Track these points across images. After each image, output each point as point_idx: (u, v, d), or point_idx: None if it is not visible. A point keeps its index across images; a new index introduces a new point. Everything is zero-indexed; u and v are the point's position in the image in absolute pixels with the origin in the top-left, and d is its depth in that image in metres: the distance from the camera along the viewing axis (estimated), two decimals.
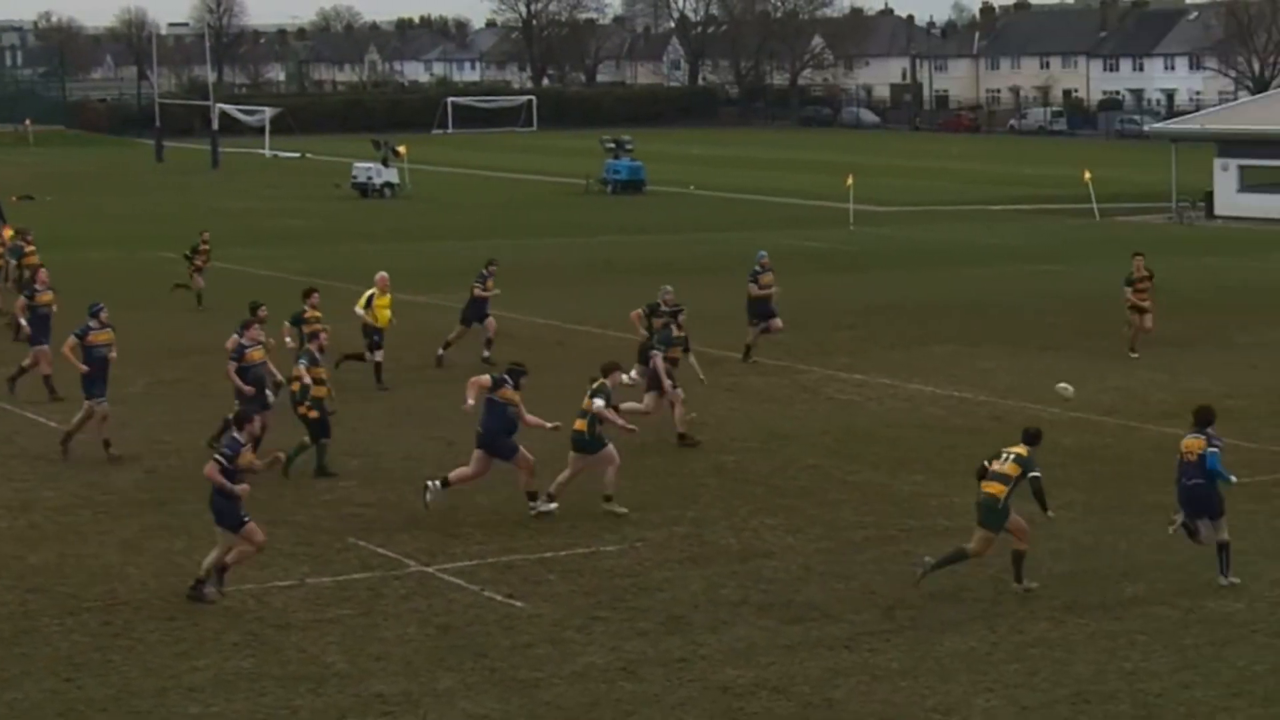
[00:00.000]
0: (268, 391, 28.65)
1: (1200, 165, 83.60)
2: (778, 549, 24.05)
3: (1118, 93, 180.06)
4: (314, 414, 27.83)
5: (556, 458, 26.29)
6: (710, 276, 54.74)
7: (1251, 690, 18.46)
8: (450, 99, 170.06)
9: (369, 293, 35.98)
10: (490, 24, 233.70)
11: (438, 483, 25.67)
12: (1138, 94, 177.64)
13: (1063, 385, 26.69)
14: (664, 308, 33.01)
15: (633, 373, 30.46)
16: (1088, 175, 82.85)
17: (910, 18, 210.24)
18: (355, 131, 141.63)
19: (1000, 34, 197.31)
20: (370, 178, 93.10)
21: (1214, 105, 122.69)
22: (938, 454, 29.94)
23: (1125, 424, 32.28)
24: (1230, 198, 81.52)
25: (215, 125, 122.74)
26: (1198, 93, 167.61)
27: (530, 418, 25.52)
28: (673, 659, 19.54)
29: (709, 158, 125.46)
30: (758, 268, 39.11)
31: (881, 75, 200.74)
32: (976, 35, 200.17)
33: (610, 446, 25.76)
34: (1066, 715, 17.87)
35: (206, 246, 48.71)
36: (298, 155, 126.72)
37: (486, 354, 37.96)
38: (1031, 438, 22.14)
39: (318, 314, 32.83)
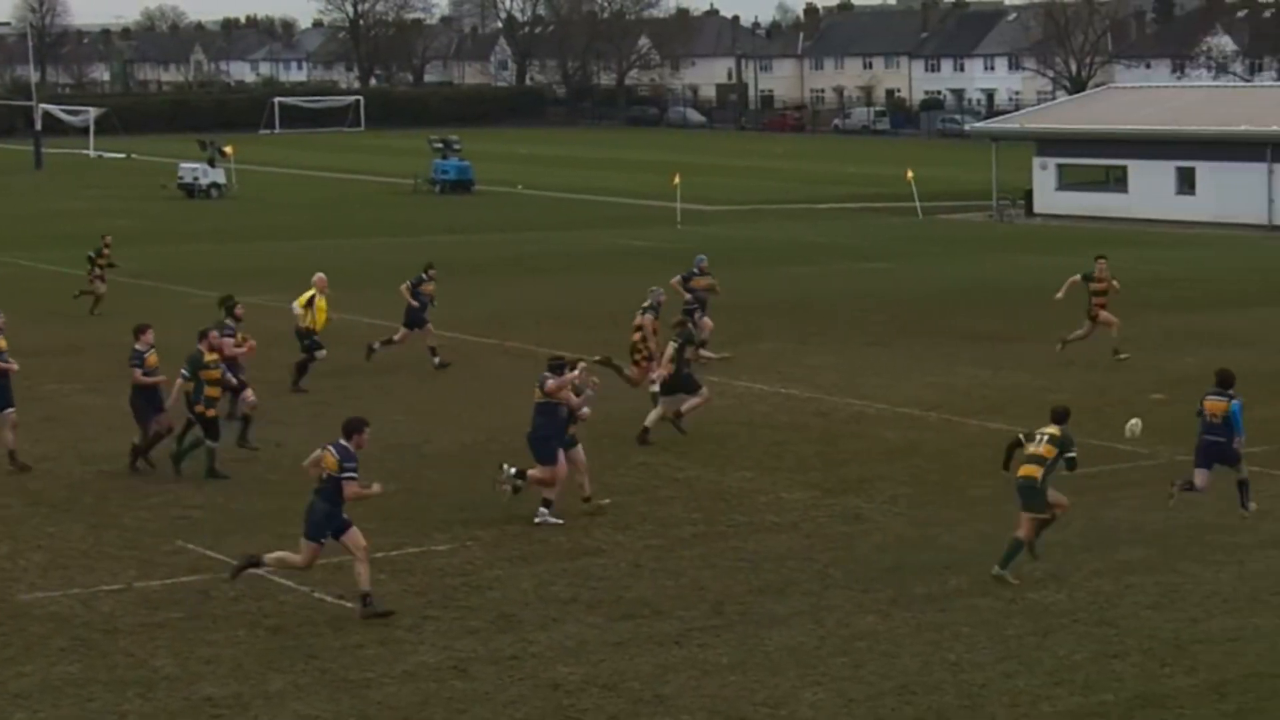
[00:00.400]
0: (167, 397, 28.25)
1: (1020, 164, 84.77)
2: (607, 546, 24.08)
3: (939, 93, 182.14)
4: (211, 413, 27.69)
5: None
6: (540, 276, 54.77)
7: (1072, 678, 18.74)
8: (277, 99, 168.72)
9: (309, 294, 35.27)
10: (317, 24, 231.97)
11: (512, 470, 25.45)
12: (959, 94, 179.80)
13: (1133, 423, 24.54)
14: (657, 304, 33.05)
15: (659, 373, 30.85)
16: (910, 174, 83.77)
17: (736, 18, 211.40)
18: (181, 132, 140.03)
19: (824, 35, 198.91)
20: (197, 178, 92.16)
21: (1033, 105, 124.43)
22: (765, 450, 30.13)
23: (948, 419, 32.64)
24: (1049, 196, 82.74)
25: (38, 126, 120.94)
26: (1017, 93, 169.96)
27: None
28: (504, 657, 19.51)
29: (537, 157, 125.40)
30: (695, 270, 38.76)
31: (707, 75, 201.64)
32: (801, 36, 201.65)
33: (580, 447, 25.61)
34: (893, 707, 18.04)
35: (109, 250, 47.77)
36: (123, 156, 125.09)
37: (437, 360, 37.55)
38: (1061, 416, 22.48)
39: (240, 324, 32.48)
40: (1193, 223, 74.72)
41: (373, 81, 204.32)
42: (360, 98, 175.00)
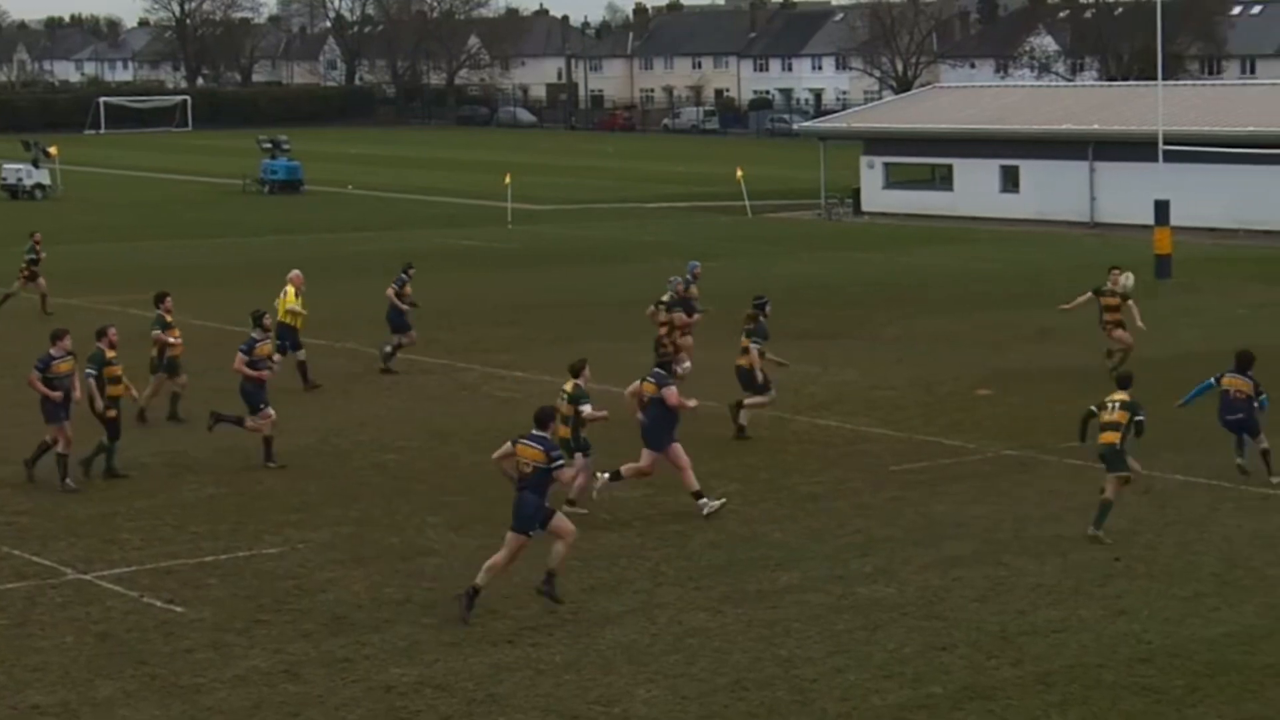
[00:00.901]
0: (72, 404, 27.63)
1: (847, 163, 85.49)
2: (441, 547, 24.00)
3: (768, 92, 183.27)
4: (112, 414, 27.35)
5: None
6: (371, 277, 54.38)
7: (902, 671, 18.93)
8: (102, 99, 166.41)
9: (292, 290, 35.17)
10: (143, 23, 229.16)
11: (606, 475, 25.65)
12: (787, 93, 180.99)
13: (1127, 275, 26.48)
14: (677, 296, 34.02)
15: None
16: (740, 173, 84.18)
17: (565, 18, 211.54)
18: (4, 132, 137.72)
19: (653, 35, 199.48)
20: (20, 179, 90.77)
21: (860, 104, 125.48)
22: (598, 449, 30.08)
23: (778, 416, 32.83)
24: (876, 194, 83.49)
25: None
26: (844, 92, 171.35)
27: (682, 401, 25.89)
28: (336, 660, 19.38)
29: (367, 157, 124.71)
30: (689, 277, 37.81)
31: (537, 75, 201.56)
32: (630, 36, 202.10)
33: (590, 456, 25.47)
34: (725, 703, 18.12)
35: (40, 248, 47.06)
36: None
37: (389, 360, 37.35)
38: (1126, 382, 24.76)
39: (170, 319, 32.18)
40: (1017, 220, 75.73)
41: (200, 81, 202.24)
42: (187, 98, 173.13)
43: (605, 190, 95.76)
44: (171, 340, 31.69)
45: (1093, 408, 24.69)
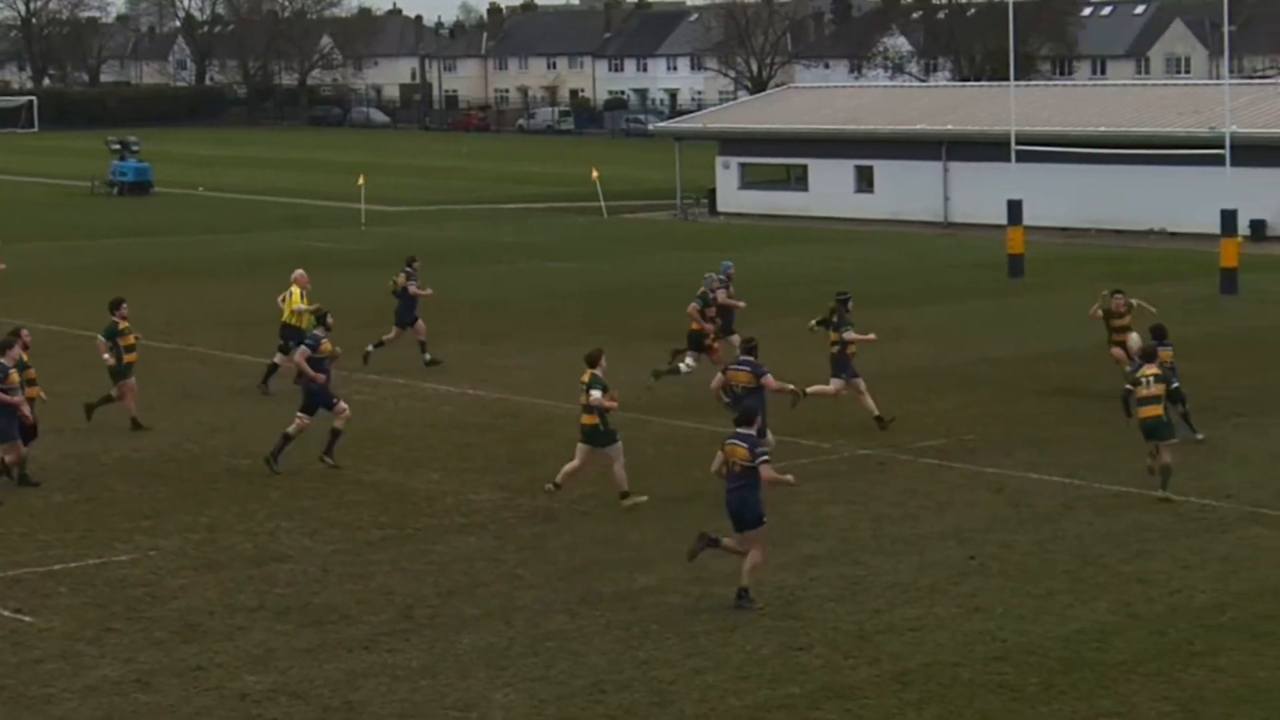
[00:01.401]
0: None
1: (703, 163, 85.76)
2: (294, 552, 23.83)
3: (623, 92, 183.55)
4: (30, 419, 27.12)
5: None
6: (222, 279, 53.99)
7: (759, 672, 19.01)
8: None
9: (297, 290, 35.19)
10: None
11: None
12: (642, 94, 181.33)
13: None
14: (711, 295, 34.97)
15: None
16: (595, 174, 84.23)
17: (419, 18, 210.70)
18: None
19: (508, 34, 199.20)
20: None
21: (715, 105, 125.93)
22: (453, 452, 30.08)
23: (635, 417, 32.84)
24: (732, 194, 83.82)
25: None
26: (699, 92, 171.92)
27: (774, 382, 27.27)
28: (188, 668, 19.19)
29: (218, 158, 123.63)
30: (722, 276, 37.18)
31: (391, 75, 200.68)
32: (485, 36, 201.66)
33: (619, 442, 25.90)
34: (583, 705, 18.12)
35: None
36: None
37: (428, 356, 37.94)
38: (1152, 354, 26.79)
39: (127, 324, 31.80)
40: (871, 220, 76.30)
41: (46, 81, 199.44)
42: (34, 98, 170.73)
43: (460, 191, 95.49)
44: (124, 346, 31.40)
45: (1128, 386, 26.83)
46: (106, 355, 31.52)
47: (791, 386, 27.63)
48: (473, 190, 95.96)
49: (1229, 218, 52.44)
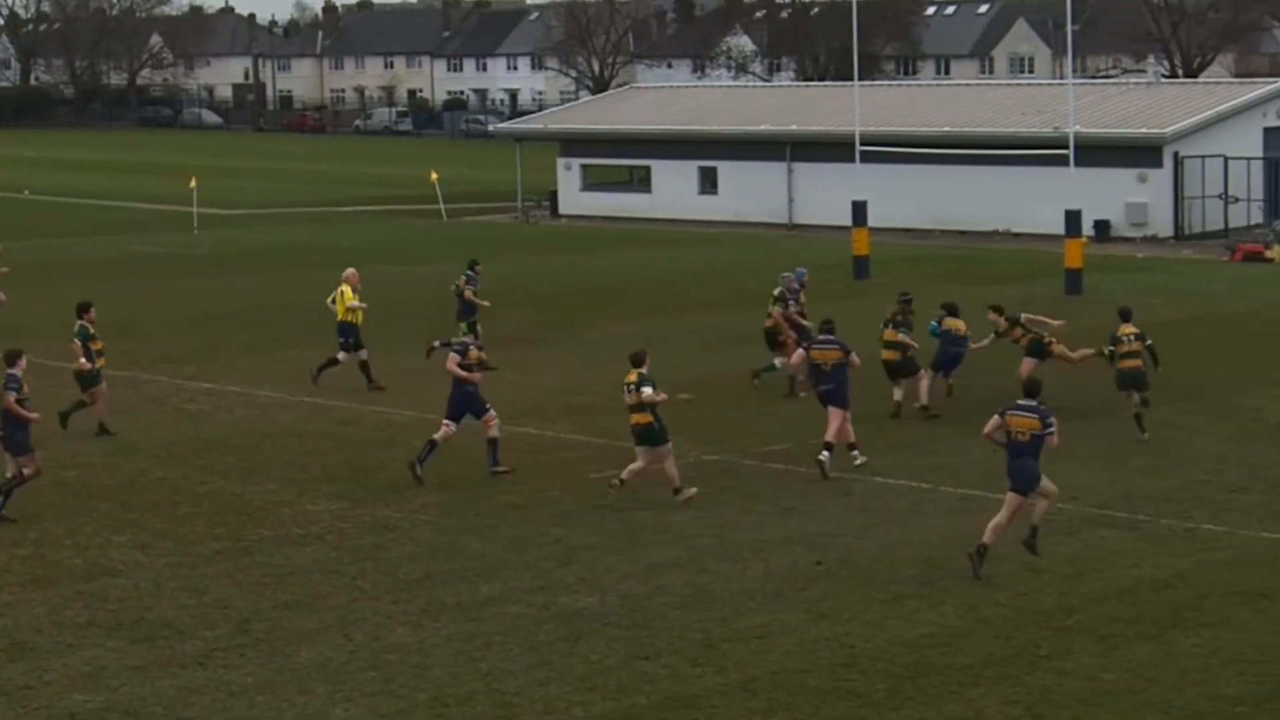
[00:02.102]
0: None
1: (544, 164, 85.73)
2: (126, 566, 23.55)
3: (462, 93, 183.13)
4: None
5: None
6: (50, 285, 53.24)
7: (605, 683, 19.01)
8: None
9: (345, 289, 36.37)
10: None
11: (825, 454, 28.31)
12: (482, 94, 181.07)
13: None
14: (789, 294, 36.07)
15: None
16: (434, 175, 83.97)
17: (252, 16, 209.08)
18: None
19: (344, 33, 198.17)
20: None
21: (556, 105, 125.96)
22: (291, 461, 29.86)
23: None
24: (574, 196, 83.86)
25: None
26: (540, 92, 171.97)
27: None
28: (15, 687, 18.90)
29: (44, 160, 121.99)
30: (798, 284, 36.97)
31: (224, 75, 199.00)
32: (320, 35, 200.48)
33: (670, 441, 26.72)
34: None
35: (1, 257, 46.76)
36: None
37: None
38: (1128, 313, 31.68)
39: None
40: (715, 222, 76.60)
41: None
42: None
43: (296, 194, 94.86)
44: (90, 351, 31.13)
45: (1108, 350, 31.38)
46: (83, 360, 31.32)
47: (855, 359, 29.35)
48: (308, 193, 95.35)
49: (1073, 218, 53.14)
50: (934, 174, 70.47)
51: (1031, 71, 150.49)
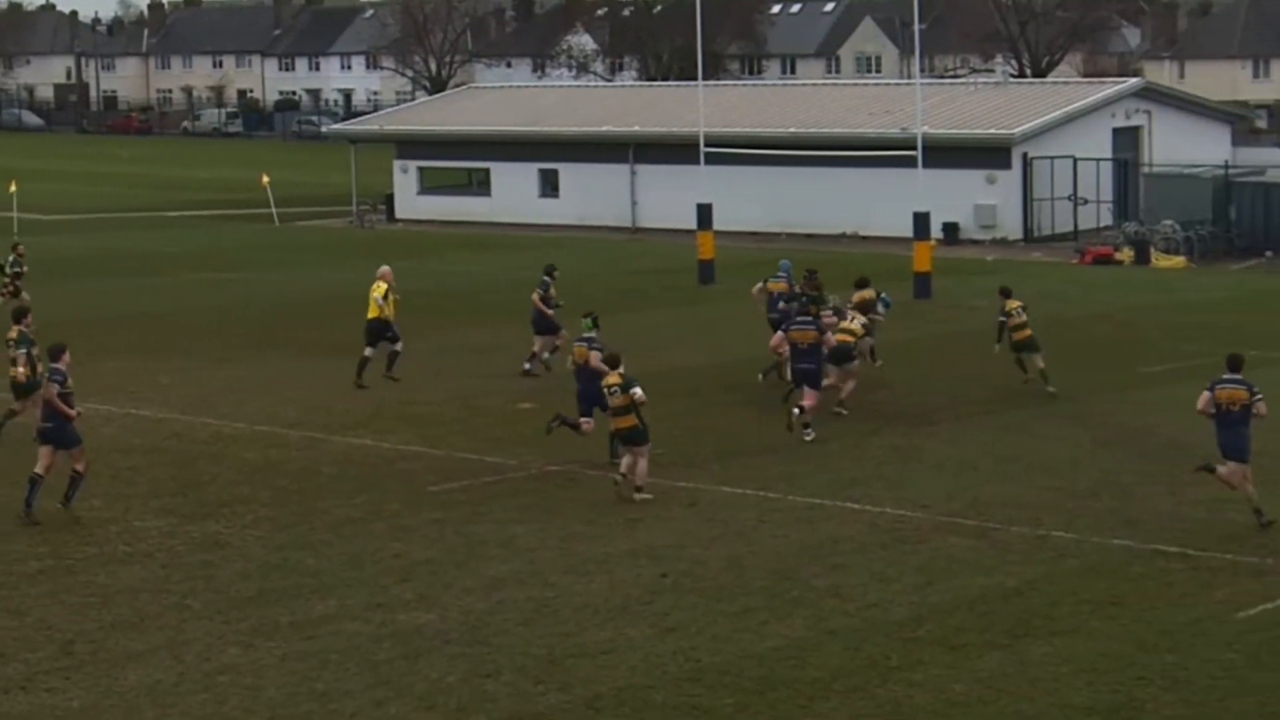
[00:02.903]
0: None
1: (381, 167, 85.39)
2: None
3: (294, 93, 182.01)
4: None
5: None
6: None
7: (445, 702, 18.96)
8: None
9: (384, 286, 37.77)
10: None
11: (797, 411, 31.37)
12: (315, 94, 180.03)
13: None
14: (799, 289, 37.49)
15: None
16: (266, 179, 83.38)
17: (74, 13, 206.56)
18: None
19: (170, 32, 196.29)
20: None
21: (392, 105, 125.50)
22: (116, 476, 29.53)
23: (310, 436, 32.62)
24: (411, 200, 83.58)
25: None
26: (375, 93, 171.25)
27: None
28: None
29: None
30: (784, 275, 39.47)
31: (45, 74, 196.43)
32: (145, 33, 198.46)
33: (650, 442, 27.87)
34: None
35: (23, 260, 46.93)
36: None
37: (528, 366, 39.09)
38: (1009, 290, 36.06)
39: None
40: (557, 226, 76.58)
41: None
42: None
43: (121, 198, 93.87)
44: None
45: (1002, 318, 35.34)
46: (23, 368, 30.48)
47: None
48: (134, 197, 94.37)
49: (921, 220, 53.65)
50: (780, 176, 70.91)
51: (878, 71, 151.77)
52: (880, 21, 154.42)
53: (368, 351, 37.84)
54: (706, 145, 59.77)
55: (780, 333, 33.28)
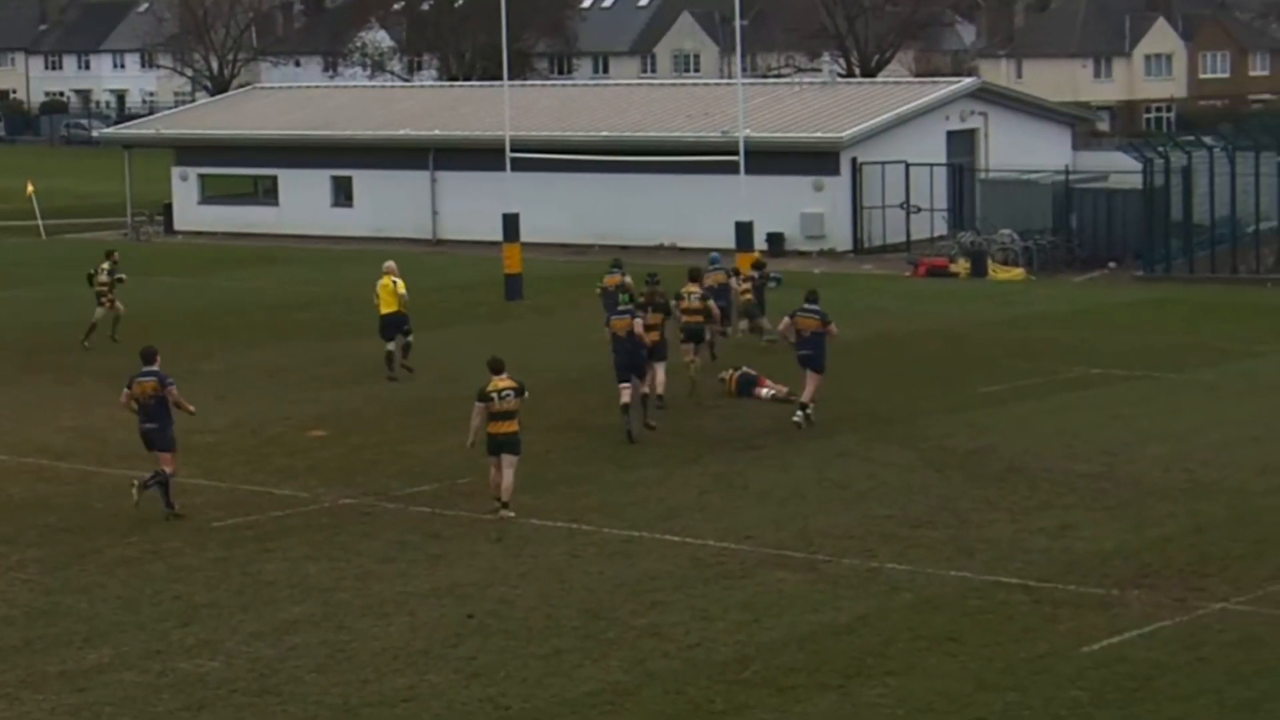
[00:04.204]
0: None
1: (158, 174, 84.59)
2: None
3: (62, 94, 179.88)
4: None
5: None
6: None
7: None
8: None
9: (396, 280, 42.15)
10: None
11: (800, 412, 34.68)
12: (85, 95, 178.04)
13: None
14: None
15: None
16: (30, 188, 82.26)
17: None
18: None
19: None
20: None
21: (170, 107, 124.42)
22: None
23: (82, 468, 32.27)
24: (191, 210, 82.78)
25: None
26: (151, 94, 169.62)
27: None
28: None
29: None
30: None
31: None
32: None
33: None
34: None
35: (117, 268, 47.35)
36: None
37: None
38: (695, 275, 39.68)
39: None
40: (352, 239, 76.12)
41: None
42: None
43: None
44: None
45: (674, 299, 37.79)
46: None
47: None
48: None
49: (744, 230, 53.96)
50: (592, 183, 71.02)
51: (697, 70, 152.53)
52: (699, 17, 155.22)
53: (390, 346, 41.46)
54: (513, 150, 59.74)
55: (788, 319, 35.82)
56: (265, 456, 33.29)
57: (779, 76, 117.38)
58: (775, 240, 67.94)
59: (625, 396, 34.19)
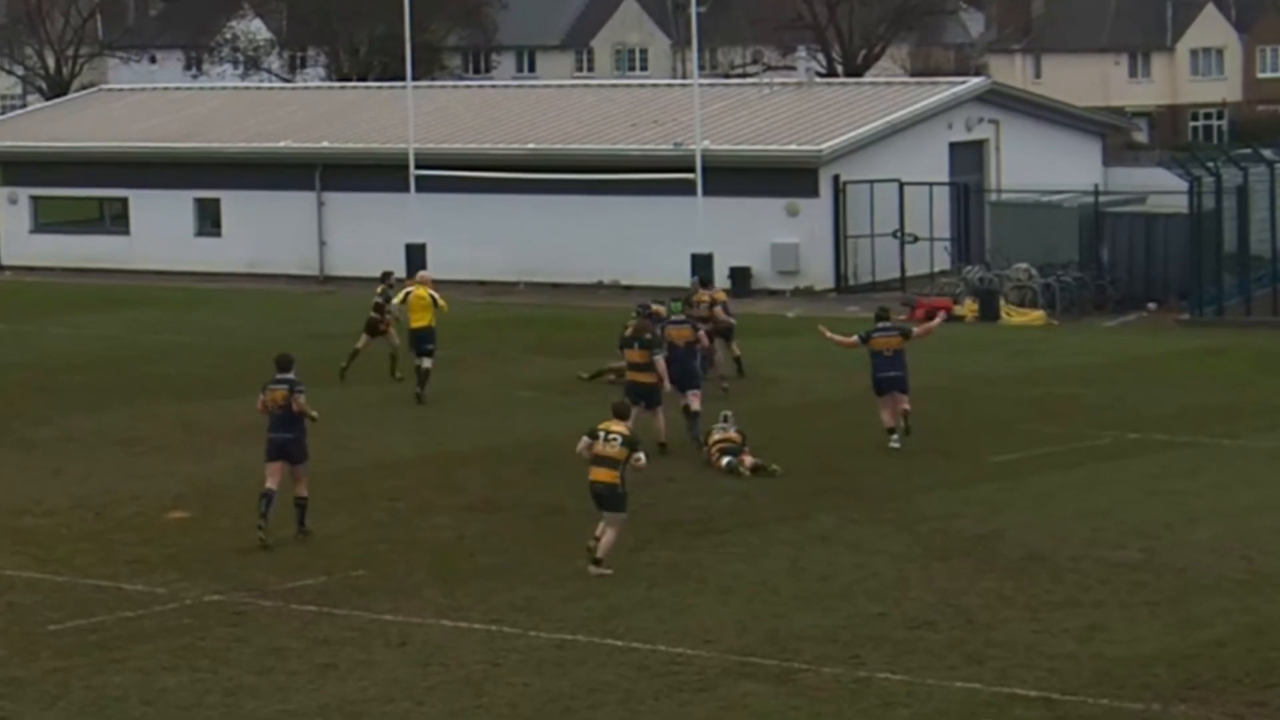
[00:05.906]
0: None
1: None
2: None
3: None
4: None
5: None
6: None
7: None
8: None
9: (431, 293, 47.07)
10: None
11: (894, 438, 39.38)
12: None
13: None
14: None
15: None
16: None
17: None
18: None
19: None
20: None
21: None
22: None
23: None
24: (21, 241, 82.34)
25: None
26: None
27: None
28: None
29: None
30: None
31: None
32: None
33: None
34: None
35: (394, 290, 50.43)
36: None
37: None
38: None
39: None
40: (220, 275, 75.76)
41: None
42: None
43: None
44: None
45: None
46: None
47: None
48: None
49: (702, 264, 53.96)
50: (515, 207, 70.82)
51: (644, 69, 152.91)
52: (646, 4, 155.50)
53: (426, 363, 46.55)
54: (418, 167, 59.90)
55: (858, 338, 40.18)
56: (113, 544, 33.16)
57: (744, 76, 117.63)
58: (740, 276, 67.67)
59: (695, 404, 40.21)
